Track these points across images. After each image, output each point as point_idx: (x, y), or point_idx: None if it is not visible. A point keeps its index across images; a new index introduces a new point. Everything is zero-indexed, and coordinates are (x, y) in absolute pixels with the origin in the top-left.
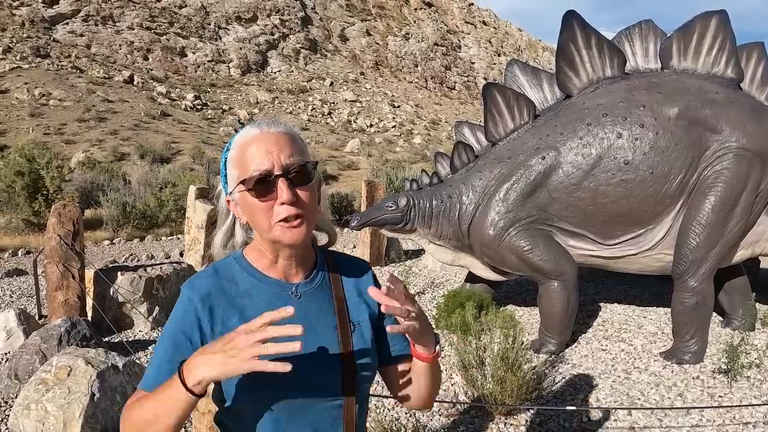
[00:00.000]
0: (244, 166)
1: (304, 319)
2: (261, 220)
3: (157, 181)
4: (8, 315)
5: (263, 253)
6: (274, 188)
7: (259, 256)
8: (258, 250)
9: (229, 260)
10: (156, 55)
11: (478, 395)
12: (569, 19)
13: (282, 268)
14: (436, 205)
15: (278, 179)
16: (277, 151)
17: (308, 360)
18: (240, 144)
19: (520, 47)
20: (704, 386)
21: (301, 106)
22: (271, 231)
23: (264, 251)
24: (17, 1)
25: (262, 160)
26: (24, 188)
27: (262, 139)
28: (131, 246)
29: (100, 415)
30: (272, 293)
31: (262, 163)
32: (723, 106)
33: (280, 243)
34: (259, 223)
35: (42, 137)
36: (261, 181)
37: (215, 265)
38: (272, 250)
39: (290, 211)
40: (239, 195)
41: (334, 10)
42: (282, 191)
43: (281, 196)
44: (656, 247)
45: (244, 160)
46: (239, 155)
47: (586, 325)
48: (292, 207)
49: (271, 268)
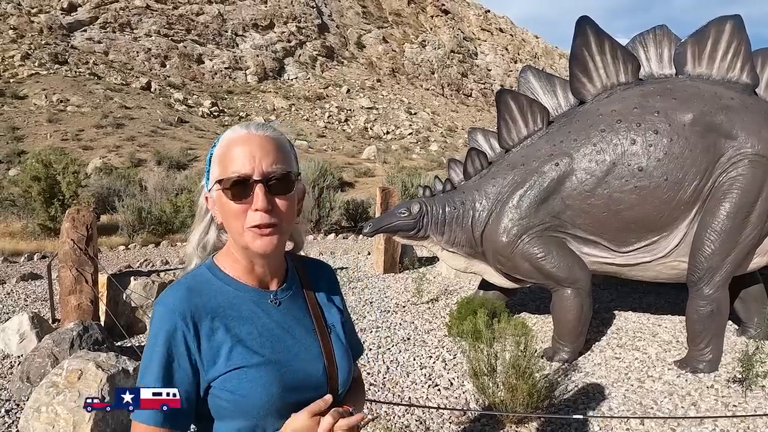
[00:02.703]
0: (225, 166)
1: (286, 326)
2: (233, 224)
3: (173, 187)
4: (22, 318)
5: (237, 260)
6: (251, 193)
7: (233, 263)
8: (232, 257)
9: (201, 271)
10: (173, 62)
11: (489, 403)
12: (583, 25)
13: (258, 275)
14: (449, 211)
15: (256, 185)
16: (260, 155)
17: (297, 364)
18: (226, 142)
19: (536, 54)
20: (718, 395)
21: (318, 113)
22: (242, 236)
23: (238, 258)
24: (36, 8)
25: (243, 162)
26: (40, 193)
27: (247, 141)
28: (146, 251)
29: (109, 419)
30: (252, 302)
31: (243, 165)
32: (738, 112)
33: (250, 250)
34: (231, 227)
35: (59, 143)
36: (238, 183)
37: (186, 281)
38: (245, 256)
39: (263, 219)
40: (217, 194)
41: (350, 17)
42: (258, 197)
43: (256, 202)
44: (671, 255)
45: (226, 159)
46: (223, 153)
47: (600, 333)
48: (266, 215)
49: (247, 275)
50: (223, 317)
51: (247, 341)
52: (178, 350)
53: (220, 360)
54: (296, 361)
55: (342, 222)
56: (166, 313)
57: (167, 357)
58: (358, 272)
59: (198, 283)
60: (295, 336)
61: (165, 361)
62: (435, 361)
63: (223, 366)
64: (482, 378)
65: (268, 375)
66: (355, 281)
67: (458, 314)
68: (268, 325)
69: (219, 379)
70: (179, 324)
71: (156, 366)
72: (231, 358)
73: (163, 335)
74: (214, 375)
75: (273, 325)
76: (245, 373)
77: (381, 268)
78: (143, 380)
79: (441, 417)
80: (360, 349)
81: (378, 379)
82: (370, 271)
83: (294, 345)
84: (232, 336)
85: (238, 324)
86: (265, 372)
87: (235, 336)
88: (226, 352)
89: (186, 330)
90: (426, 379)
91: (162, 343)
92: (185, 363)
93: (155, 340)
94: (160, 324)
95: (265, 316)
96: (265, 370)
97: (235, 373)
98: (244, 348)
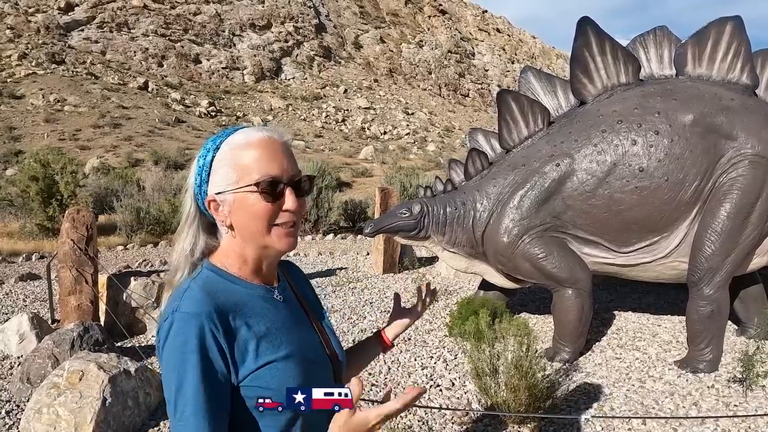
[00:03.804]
0: (247, 169)
1: (293, 319)
2: (256, 224)
3: (170, 187)
4: (21, 319)
5: (245, 261)
6: (282, 196)
7: (240, 264)
8: (237, 258)
9: (205, 274)
10: (170, 62)
11: (491, 403)
12: (583, 25)
13: (264, 274)
14: (450, 212)
15: (286, 187)
16: (285, 158)
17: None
18: (239, 146)
19: (534, 54)
20: (719, 395)
21: (315, 113)
22: (266, 236)
23: (247, 259)
24: (33, 8)
25: (272, 165)
26: (38, 193)
27: (270, 144)
28: (145, 251)
29: (111, 420)
30: (262, 299)
31: (272, 168)
32: (738, 113)
33: (273, 248)
34: (252, 227)
35: (57, 143)
36: (272, 185)
37: (199, 285)
38: (258, 255)
39: (292, 218)
40: (237, 196)
41: (348, 17)
42: (289, 199)
43: (287, 203)
44: (671, 255)
45: (247, 162)
46: (238, 157)
47: (600, 333)
48: (294, 215)
49: (254, 275)
50: (242, 315)
51: (269, 336)
52: (212, 353)
53: (249, 357)
54: (308, 351)
55: (340, 222)
56: (191, 318)
57: (204, 363)
58: (358, 272)
59: (210, 284)
60: (300, 328)
61: (203, 369)
62: (436, 361)
63: (252, 363)
64: (484, 378)
65: (295, 367)
66: (354, 281)
67: (459, 314)
68: (281, 319)
69: (250, 377)
70: (207, 326)
71: (193, 376)
72: (259, 355)
73: (194, 341)
74: (244, 373)
75: (284, 319)
76: (275, 368)
77: (380, 268)
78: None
79: (443, 417)
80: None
81: (380, 379)
82: (370, 272)
83: (302, 336)
84: (254, 333)
85: (256, 321)
86: (293, 364)
87: (257, 332)
88: (254, 349)
89: (216, 330)
90: (427, 379)
91: (194, 350)
92: (221, 365)
93: (185, 348)
94: (187, 331)
95: (275, 311)
96: (291, 362)
97: (266, 369)
98: (268, 343)
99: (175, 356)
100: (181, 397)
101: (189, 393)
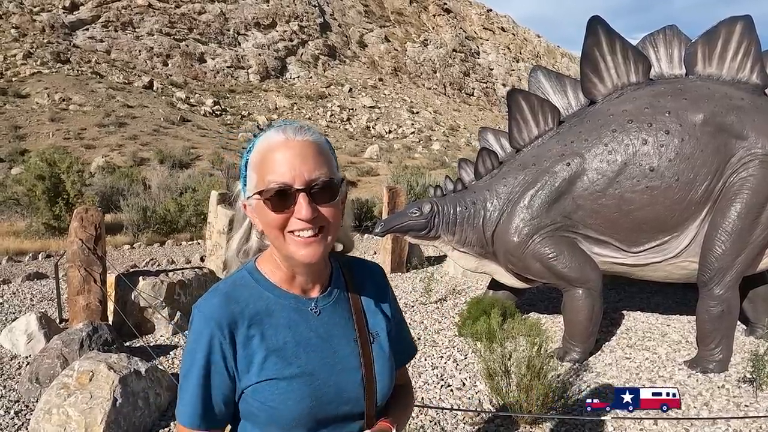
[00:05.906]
0: (263, 174)
1: (325, 335)
2: (274, 233)
3: (176, 186)
4: (29, 318)
5: (279, 267)
6: (294, 202)
7: (274, 269)
8: (274, 263)
9: (242, 274)
10: (175, 61)
11: (503, 403)
12: (594, 24)
13: (299, 283)
14: (460, 211)
15: (298, 194)
16: (300, 162)
17: (333, 376)
18: (262, 148)
19: (538, 53)
20: (730, 395)
21: (320, 112)
22: (284, 246)
23: (280, 265)
24: (38, 7)
25: (283, 171)
26: (44, 192)
27: (285, 147)
28: (151, 251)
29: (122, 421)
30: (292, 310)
31: (282, 174)
32: (748, 113)
33: (293, 259)
34: (271, 236)
35: (62, 142)
36: (279, 193)
37: (225, 287)
38: (287, 264)
39: (307, 228)
40: (255, 203)
41: (352, 16)
42: (301, 207)
43: (299, 211)
44: (681, 255)
45: (264, 167)
46: (260, 160)
47: (610, 333)
48: (310, 224)
49: (288, 282)
50: (260, 325)
51: (283, 351)
52: (215, 357)
53: (253, 369)
54: (332, 374)
55: None
56: (204, 319)
57: (206, 363)
58: None
59: (236, 288)
60: (333, 346)
61: (204, 367)
62: (446, 361)
63: (255, 376)
64: (496, 378)
65: (300, 388)
66: None
67: (469, 314)
68: (306, 334)
69: (250, 388)
70: (216, 332)
71: (196, 371)
72: (264, 369)
73: (202, 342)
74: (246, 383)
75: (311, 335)
76: (276, 385)
77: (388, 267)
78: (185, 384)
79: (455, 417)
80: (411, 351)
81: None
82: None
83: (331, 356)
84: (267, 345)
85: (275, 332)
86: (298, 385)
87: (271, 345)
88: (260, 362)
89: (222, 338)
90: (438, 379)
91: (201, 349)
92: (222, 369)
93: (195, 345)
94: (200, 330)
95: (304, 324)
96: (297, 382)
97: (266, 384)
98: (278, 358)
99: (190, 345)
100: (186, 381)
101: (191, 382)
